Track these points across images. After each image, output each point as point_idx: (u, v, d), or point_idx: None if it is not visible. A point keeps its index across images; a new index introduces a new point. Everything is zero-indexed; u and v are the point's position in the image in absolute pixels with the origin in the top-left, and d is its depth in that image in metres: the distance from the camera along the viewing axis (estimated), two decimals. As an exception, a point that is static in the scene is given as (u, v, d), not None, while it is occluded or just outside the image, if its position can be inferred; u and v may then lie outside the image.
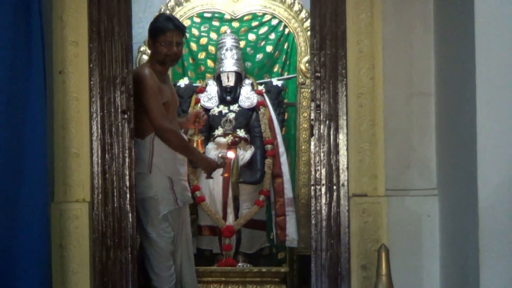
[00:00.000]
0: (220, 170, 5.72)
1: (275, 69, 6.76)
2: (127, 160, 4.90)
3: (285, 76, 6.65)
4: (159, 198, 5.16)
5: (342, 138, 4.88)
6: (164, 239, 5.18)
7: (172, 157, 5.26)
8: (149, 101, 5.14)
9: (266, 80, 6.54)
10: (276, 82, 6.53)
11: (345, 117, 4.87)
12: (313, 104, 5.01)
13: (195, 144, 5.58)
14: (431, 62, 4.84)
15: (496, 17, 3.91)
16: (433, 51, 4.85)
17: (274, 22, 6.70)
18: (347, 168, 4.85)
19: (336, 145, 4.90)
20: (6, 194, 4.17)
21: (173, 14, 6.49)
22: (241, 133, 6.33)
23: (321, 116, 4.93)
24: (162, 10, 6.56)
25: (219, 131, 6.36)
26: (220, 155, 5.57)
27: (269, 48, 6.75)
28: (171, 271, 5.24)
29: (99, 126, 4.84)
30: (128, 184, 4.89)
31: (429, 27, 4.85)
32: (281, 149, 6.23)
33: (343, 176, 4.87)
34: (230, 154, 5.34)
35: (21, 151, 4.25)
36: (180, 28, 5.33)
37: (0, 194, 4.16)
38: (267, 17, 6.71)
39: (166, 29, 5.19)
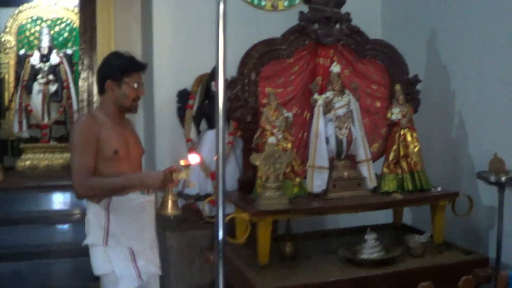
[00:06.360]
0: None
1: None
2: None
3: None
4: (118, 274, 2.17)
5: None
6: None
7: (133, 222, 2.24)
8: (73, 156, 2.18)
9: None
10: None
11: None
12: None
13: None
14: (138, 42, 4.11)
15: (167, 30, 3.48)
16: (140, 37, 4.18)
17: (68, 21, 6.44)
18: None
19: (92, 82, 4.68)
20: None
21: (19, 17, 6.25)
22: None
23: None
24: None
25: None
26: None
27: (66, 34, 6.46)
28: None
29: None
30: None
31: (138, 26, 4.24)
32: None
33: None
34: (194, 158, 2.19)
35: None
36: (146, 68, 2.35)
37: None
38: (64, 19, 6.44)
39: (136, 69, 2.28)
